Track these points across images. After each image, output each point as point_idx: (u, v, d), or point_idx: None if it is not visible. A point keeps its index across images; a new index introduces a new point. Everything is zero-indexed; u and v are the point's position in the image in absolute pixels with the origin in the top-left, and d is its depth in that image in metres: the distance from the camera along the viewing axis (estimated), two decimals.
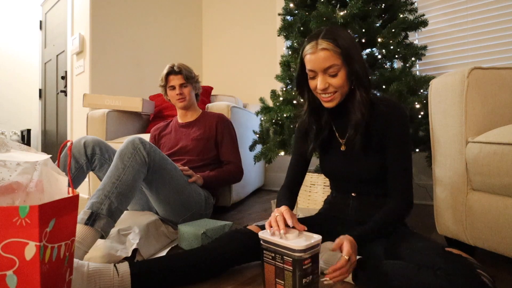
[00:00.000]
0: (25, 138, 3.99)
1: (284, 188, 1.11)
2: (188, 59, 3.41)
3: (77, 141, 1.37)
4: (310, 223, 1.10)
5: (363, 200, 1.05)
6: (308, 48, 0.96)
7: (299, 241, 0.82)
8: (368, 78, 0.97)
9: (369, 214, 1.04)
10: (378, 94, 1.62)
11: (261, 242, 0.86)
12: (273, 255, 0.83)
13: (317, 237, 0.83)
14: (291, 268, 0.79)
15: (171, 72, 1.67)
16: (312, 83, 0.99)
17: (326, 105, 0.99)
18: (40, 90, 3.82)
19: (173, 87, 1.68)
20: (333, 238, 1.05)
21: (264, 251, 0.86)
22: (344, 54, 0.92)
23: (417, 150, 1.64)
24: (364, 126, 0.97)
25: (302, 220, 1.12)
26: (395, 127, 0.97)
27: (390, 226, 0.94)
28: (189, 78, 1.69)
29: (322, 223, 1.10)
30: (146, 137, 1.92)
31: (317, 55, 0.93)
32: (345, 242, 0.82)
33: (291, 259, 0.78)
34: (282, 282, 0.81)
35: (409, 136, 0.99)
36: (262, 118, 1.89)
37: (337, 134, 1.08)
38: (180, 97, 1.67)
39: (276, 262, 0.83)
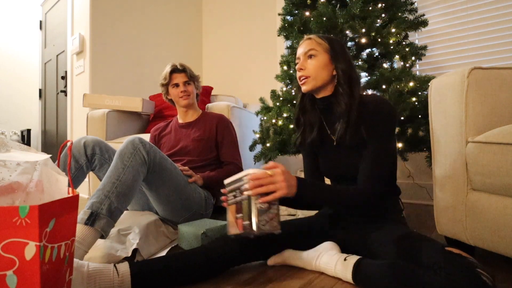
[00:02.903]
0: (25, 138, 3.99)
1: None
2: (188, 59, 3.41)
3: (77, 141, 1.37)
4: (309, 223, 1.11)
5: None
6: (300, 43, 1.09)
7: (255, 170, 0.85)
8: (355, 77, 1.03)
9: (368, 214, 1.04)
10: (369, 93, 1.62)
11: (225, 186, 0.90)
12: (234, 193, 0.85)
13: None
14: (245, 196, 0.80)
15: (175, 70, 1.68)
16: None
17: (302, 89, 1.07)
18: (40, 90, 3.82)
19: (177, 85, 1.68)
20: (332, 239, 1.05)
21: (228, 194, 0.89)
22: (330, 49, 1.03)
23: (417, 150, 1.64)
24: (351, 119, 0.99)
25: (301, 220, 1.13)
26: (378, 120, 0.97)
27: (344, 204, 0.95)
28: (193, 76, 1.71)
29: (322, 223, 1.10)
30: (146, 137, 1.91)
31: (302, 44, 1.07)
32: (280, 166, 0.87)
33: (246, 187, 0.80)
34: (241, 215, 0.82)
35: (391, 131, 0.99)
36: (262, 118, 1.89)
37: (328, 131, 1.09)
38: (184, 94, 1.67)
39: (236, 199, 0.84)
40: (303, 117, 1.13)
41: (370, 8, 1.60)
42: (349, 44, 1.72)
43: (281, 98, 1.78)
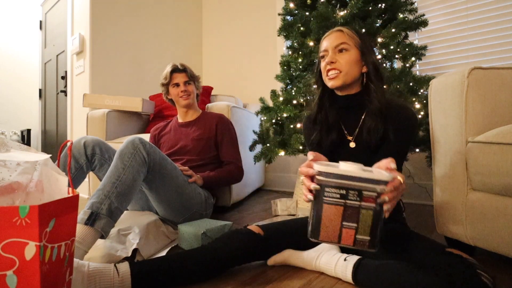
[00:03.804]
0: (25, 138, 3.99)
1: None
2: (188, 59, 3.41)
3: (77, 141, 1.37)
4: None
5: None
6: (326, 33, 1.04)
7: (380, 173, 0.65)
8: (384, 76, 1.02)
9: None
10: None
11: (322, 177, 0.67)
12: (343, 192, 0.66)
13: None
14: (373, 205, 0.64)
15: (175, 69, 1.68)
16: (322, 64, 1.03)
17: (330, 84, 1.01)
18: (40, 90, 3.82)
19: (177, 85, 1.68)
20: None
21: (327, 189, 0.67)
22: (361, 43, 0.99)
23: (417, 150, 1.64)
24: (382, 119, 0.96)
25: (302, 220, 1.12)
26: (406, 125, 0.96)
27: None
28: (193, 76, 1.72)
29: None
30: (146, 137, 1.91)
31: (331, 35, 1.02)
32: (398, 175, 0.71)
33: (374, 194, 0.63)
34: (354, 225, 0.66)
35: (413, 138, 0.99)
36: (262, 118, 1.89)
37: (345, 132, 1.07)
38: (184, 94, 1.68)
39: (348, 201, 0.66)
40: (320, 115, 1.08)
41: (370, 8, 1.60)
42: None
43: (281, 98, 1.78)
